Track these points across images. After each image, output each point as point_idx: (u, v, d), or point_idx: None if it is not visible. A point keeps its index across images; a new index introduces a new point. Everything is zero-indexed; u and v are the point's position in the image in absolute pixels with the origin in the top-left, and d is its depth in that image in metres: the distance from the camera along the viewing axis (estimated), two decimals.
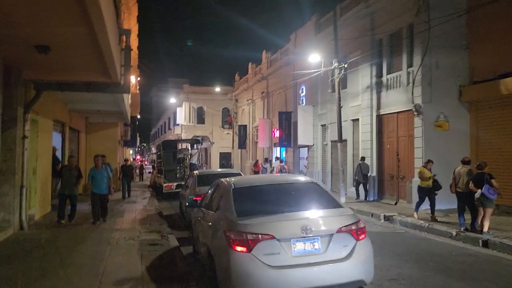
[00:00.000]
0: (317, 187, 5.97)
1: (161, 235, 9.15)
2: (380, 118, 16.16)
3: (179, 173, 20.17)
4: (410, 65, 14.31)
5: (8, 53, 8.03)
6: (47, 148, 11.81)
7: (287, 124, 25.30)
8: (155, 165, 27.18)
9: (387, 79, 15.60)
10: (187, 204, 7.68)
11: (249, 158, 35.42)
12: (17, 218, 8.98)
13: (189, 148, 21.16)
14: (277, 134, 28.04)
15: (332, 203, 5.43)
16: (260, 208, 5.18)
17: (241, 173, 11.78)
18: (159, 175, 20.79)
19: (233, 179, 6.36)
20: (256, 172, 27.12)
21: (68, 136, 15.60)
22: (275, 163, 25.69)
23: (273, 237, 4.55)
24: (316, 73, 18.54)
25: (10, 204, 8.78)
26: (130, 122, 27.12)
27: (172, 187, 18.44)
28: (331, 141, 20.38)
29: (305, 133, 22.00)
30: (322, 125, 21.51)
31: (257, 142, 33.85)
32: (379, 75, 16.19)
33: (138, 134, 50.24)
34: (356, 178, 16.18)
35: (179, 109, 49.47)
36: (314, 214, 5.07)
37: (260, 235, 4.56)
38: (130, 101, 20.78)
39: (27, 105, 9.27)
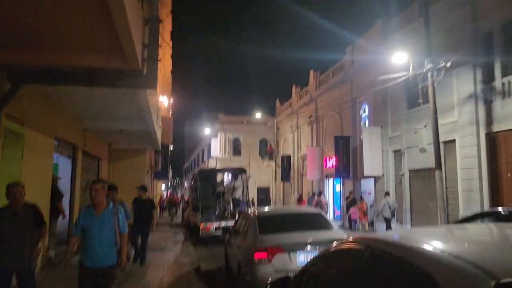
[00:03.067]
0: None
1: None
2: (492, 137, 11.91)
3: (220, 210, 16.31)
4: None
5: None
6: (41, 175, 8.31)
7: (344, 151, 21.23)
8: (189, 199, 23.49)
9: (503, 84, 11.46)
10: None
11: (293, 192, 31.28)
12: None
13: (232, 180, 17.31)
14: (330, 163, 23.97)
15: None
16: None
17: (322, 213, 7.87)
18: (194, 212, 16.99)
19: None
20: None
21: (82, 163, 12.19)
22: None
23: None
24: (393, 82, 14.61)
25: None
26: (162, 150, 23.87)
27: (211, 228, 14.56)
28: (410, 170, 16.10)
29: (373, 161, 17.83)
30: (395, 151, 17.31)
31: (303, 174, 29.79)
32: (488, 79, 12.10)
33: (170, 166, 47.56)
34: (384, 215, 15.00)
35: (214, 140, 46.37)
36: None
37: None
38: (161, 123, 17.43)
39: None
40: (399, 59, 12.83)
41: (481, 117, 12.18)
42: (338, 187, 24.53)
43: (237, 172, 17.47)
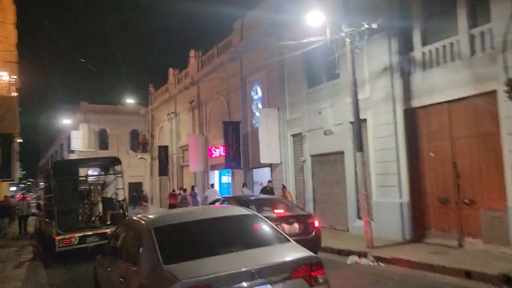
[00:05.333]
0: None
1: None
2: (411, 113, 10.70)
3: (84, 215, 12.40)
4: (474, 25, 9.17)
5: None
6: None
7: (234, 138, 18.91)
8: (42, 203, 18.50)
9: (424, 53, 10.28)
10: None
11: (172, 188, 27.95)
12: None
13: (98, 174, 13.29)
14: (216, 153, 21.46)
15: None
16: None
17: (257, 215, 5.08)
18: (47, 220, 12.69)
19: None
20: (172, 206, 19.91)
21: None
22: (209, 192, 19.00)
23: None
24: (291, 56, 12.69)
25: None
26: (4, 141, 18.34)
27: (73, 240, 10.70)
28: (313, 156, 14.47)
29: (270, 147, 15.80)
30: (294, 135, 15.54)
31: (183, 166, 26.77)
32: (406, 49, 10.85)
33: (19, 164, 39.50)
34: None
35: (75, 133, 40.05)
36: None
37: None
38: None
39: None
40: (313, 22, 10.76)
41: (397, 92, 10.91)
42: (225, 179, 22.18)
43: (108, 163, 13.57)
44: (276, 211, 8.88)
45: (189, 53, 25.39)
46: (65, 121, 41.05)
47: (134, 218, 5.23)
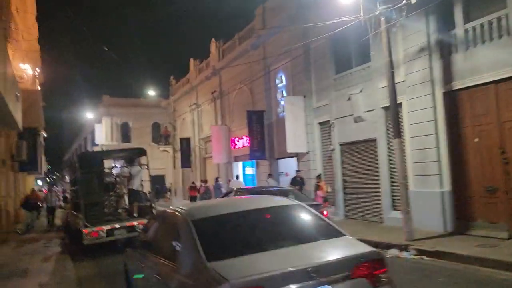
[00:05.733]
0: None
1: None
2: (452, 97, 9.98)
3: (109, 207, 12.17)
4: None
5: None
6: None
7: (259, 128, 18.43)
8: (68, 195, 18.49)
9: (467, 31, 9.52)
10: None
11: (196, 180, 27.71)
12: None
13: (124, 166, 13.04)
14: (239, 143, 21.05)
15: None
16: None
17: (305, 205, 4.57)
18: (75, 212, 12.55)
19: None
20: (193, 198, 19.72)
21: None
22: (233, 183, 18.65)
23: None
24: (339, 29, 12.09)
25: None
26: (27, 135, 18.35)
27: (100, 233, 10.47)
28: (342, 144, 13.88)
29: (296, 136, 15.26)
30: (321, 123, 14.97)
31: (206, 157, 26.50)
32: (446, 27, 10.10)
33: (45, 158, 40.06)
34: None
35: (98, 126, 40.41)
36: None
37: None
38: (19, 93, 12.46)
39: None
40: (331, 5, 10.12)
41: (436, 73, 10.18)
42: (249, 170, 21.78)
43: (133, 155, 13.28)
44: None
45: (210, 43, 24.95)
46: (88, 115, 41.41)
47: (168, 210, 4.78)
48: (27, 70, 16.71)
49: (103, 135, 40.19)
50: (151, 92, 32.56)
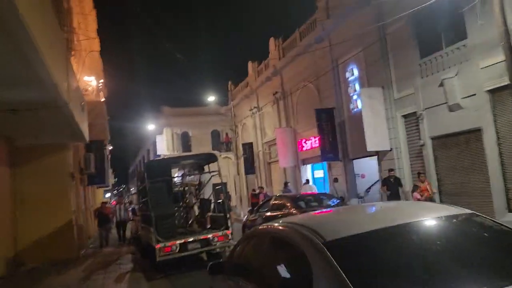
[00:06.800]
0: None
1: None
2: None
3: (179, 219, 11.31)
4: None
5: None
6: None
7: (329, 128, 16.97)
8: (136, 207, 18.12)
9: None
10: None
11: (260, 185, 26.65)
12: None
13: (192, 173, 12.09)
14: (307, 145, 19.70)
15: None
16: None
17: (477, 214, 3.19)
18: (144, 225, 11.84)
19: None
20: (254, 205, 18.03)
21: None
22: (305, 188, 17.38)
23: None
24: (424, 5, 10.45)
25: None
26: (94, 147, 18.28)
27: (173, 248, 9.58)
28: (434, 138, 12.09)
29: (376, 132, 13.65)
30: (405, 116, 13.26)
31: (270, 162, 25.37)
32: None
33: (111, 171, 41.17)
34: None
35: (159, 137, 40.92)
36: None
37: None
38: (84, 102, 12.05)
39: None
40: None
41: None
42: (319, 173, 20.34)
43: (203, 161, 12.36)
44: None
45: (268, 42, 23.89)
46: (150, 126, 42.14)
47: (277, 225, 3.53)
48: (91, 82, 16.58)
49: (164, 145, 40.60)
50: (210, 98, 32.16)
